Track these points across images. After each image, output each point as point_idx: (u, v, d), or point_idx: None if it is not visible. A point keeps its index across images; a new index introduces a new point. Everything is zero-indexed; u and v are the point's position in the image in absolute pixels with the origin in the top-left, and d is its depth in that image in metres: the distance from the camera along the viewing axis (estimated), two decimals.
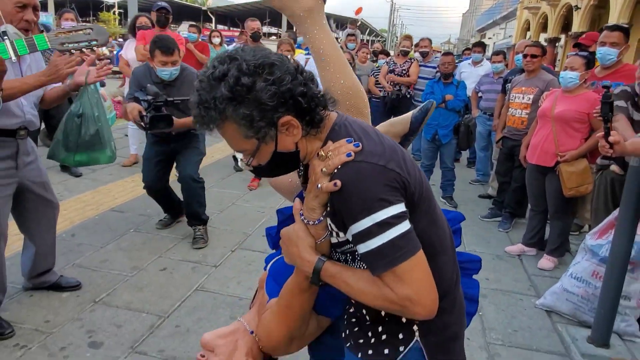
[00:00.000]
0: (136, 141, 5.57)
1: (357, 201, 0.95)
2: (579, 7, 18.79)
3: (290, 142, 1.03)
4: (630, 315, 2.66)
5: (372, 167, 0.96)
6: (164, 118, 3.03)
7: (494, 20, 41.21)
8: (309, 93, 1.01)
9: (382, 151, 1.00)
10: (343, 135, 1.03)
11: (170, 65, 3.17)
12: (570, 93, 3.32)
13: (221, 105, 0.95)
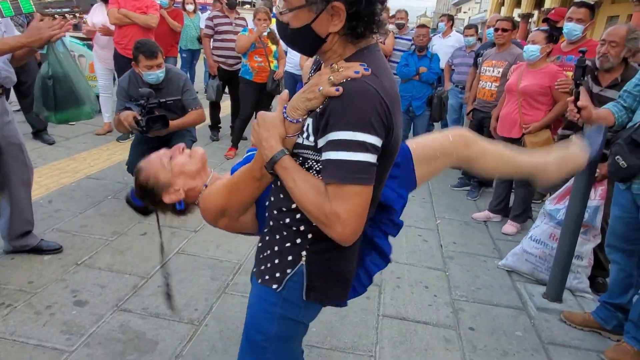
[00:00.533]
0: (109, 109, 5.50)
1: (351, 113, 1.01)
2: None
3: (325, 28, 1.06)
4: (581, 273, 2.90)
5: (376, 93, 1.02)
6: (160, 119, 3.07)
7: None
8: (372, 9, 1.06)
9: (389, 91, 1.06)
10: (365, 61, 1.08)
11: (155, 68, 3.21)
12: (533, 67, 3.49)
13: None
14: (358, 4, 1.03)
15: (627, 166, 2.10)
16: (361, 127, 1.01)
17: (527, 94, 3.48)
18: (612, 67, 2.81)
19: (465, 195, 4.54)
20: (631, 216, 2.24)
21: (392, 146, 1.12)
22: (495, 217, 3.96)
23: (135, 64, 3.24)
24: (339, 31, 1.07)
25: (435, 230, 3.70)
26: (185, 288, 2.61)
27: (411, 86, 4.85)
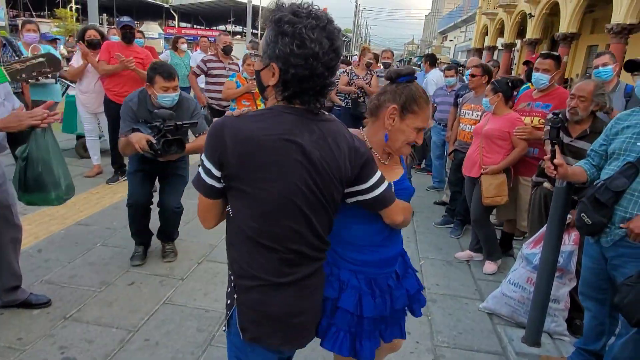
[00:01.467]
0: (97, 152, 5.59)
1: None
2: (533, 15, 19.69)
3: (266, 79, 1.32)
4: (559, 316, 2.99)
5: (220, 128, 1.28)
6: (176, 142, 2.97)
7: (454, 23, 42.37)
8: (303, 86, 1.27)
9: (244, 134, 1.26)
10: (265, 112, 1.33)
11: (172, 90, 3.14)
12: (496, 114, 3.75)
13: (268, 22, 1.28)
14: (286, 74, 1.25)
15: (592, 223, 2.23)
16: (204, 150, 1.32)
17: (488, 137, 3.71)
18: (581, 120, 2.97)
19: (448, 233, 4.64)
20: (600, 267, 2.34)
21: (234, 170, 1.28)
22: (477, 256, 4.07)
23: (150, 85, 3.14)
24: (275, 87, 1.31)
25: (418, 272, 3.78)
26: (172, 341, 2.66)
27: None
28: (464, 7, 38.55)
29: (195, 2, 49.28)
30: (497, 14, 25.18)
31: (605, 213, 2.19)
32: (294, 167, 1.27)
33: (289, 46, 1.21)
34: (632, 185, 2.12)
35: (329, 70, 1.27)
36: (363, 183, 1.42)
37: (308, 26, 1.21)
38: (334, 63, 1.28)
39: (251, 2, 21.13)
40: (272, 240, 1.33)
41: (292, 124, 1.28)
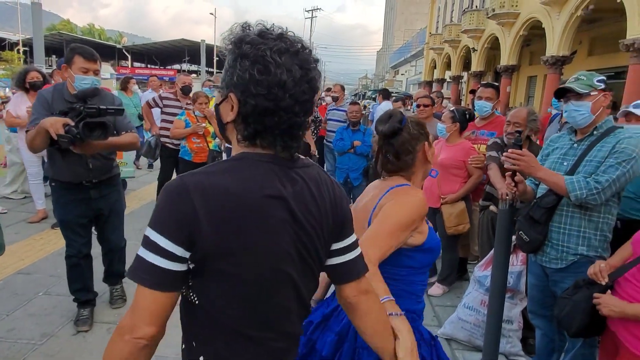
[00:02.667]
0: (41, 196, 5.35)
1: (156, 208, 1.01)
2: (476, 49, 20.89)
3: (225, 114, 1.07)
4: (513, 336, 3.04)
5: (182, 191, 0.98)
6: (100, 125, 2.56)
7: (405, 58, 44.21)
8: (264, 121, 1.02)
9: (215, 192, 0.98)
10: (229, 162, 1.06)
11: (92, 73, 2.75)
12: (449, 142, 3.85)
13: (230, 45, 1.04)
14: (245, 106, 1.02)
15: (529, 240, 2.32)
16: (155, 224, 0.98)
17: (444, 167, 3.79)
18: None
19: None
20: (544, 284, 2.42)
21: (212, 249, 0.99)
22: (431, 279, 4.12)
23: (67, 67, 2.72)
24: (235, 123, 1.06)
25: None
26: None
27: (347, 159, 5.11)
28: (412, 43, 40.41)
29: (148, 43, 49.24)
30: (443, 48, 26.55)
31: (541, 230, 2.28)
32: (281, 229, 1.04)
33: (249, 71, 0.99)
34: (561, 201, 2.24)
35: (300, 105, 1.02)
36: (340, 241, 1.18)
37: (274, 49, 0.99)
38: (307, 97, 1.04)
39: (204, 42, 21.32)
40: (261, 328, 1.07)
41: (272, 174, 1.05)
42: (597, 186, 2.06)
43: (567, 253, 2.25)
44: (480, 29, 20.08)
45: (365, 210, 1.60)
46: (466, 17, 20.80)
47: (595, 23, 14.76)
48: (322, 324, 1.60)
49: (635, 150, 2.07)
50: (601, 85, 2.20)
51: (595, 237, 2.21)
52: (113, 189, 3.11)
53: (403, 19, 57.55)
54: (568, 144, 2.34)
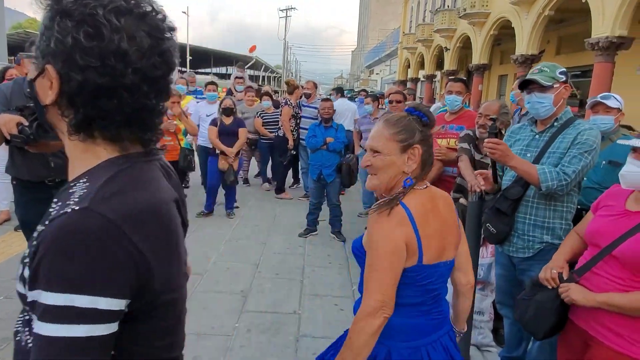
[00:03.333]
0: (8, 195, 5.14)
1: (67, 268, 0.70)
2: (449, 49, 21.20)
3: (42, 92, 0.80)
4: (484, 328, 3.07)
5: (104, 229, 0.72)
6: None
7: (379, 57, 44.56)
8: (105, 98, 0.76)
9: (135, 211, 0.76)
10: (96, 177, 0.78)
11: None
12: None
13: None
14: (70, 83, 0.76)
15: (497, 232, 2.34)
16: (86, 286, 0.69)
17: None
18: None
19: None
20: (511, 274, 2.45)
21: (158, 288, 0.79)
22: None
23: (24, 64, 2.48)
24: (59, 107, 0.79)
25: (351, 297, 3.76)
26: None
27: (320, 155, 5.08)
28: (386, 43, 40.74)
29: None
30: (416, 48, 26.86)
31: (508, 221, 2.31)
32: (182, 234, 0.90)
33: (72, 34, 0.73)
34: (526, 192, 2.27)
35: (149, 83, 0.79)
36: None
37: (110, 7, 0.74)
38: (160, 74, 0.80)
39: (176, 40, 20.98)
40: (178, 348, 0.93)
41: (156, 174, 0.87)
42: (565, 177, 2.10)
43: (533, 242, 2.28)
44: (452, 29, 20.40)
45: (451, 228, 1.48)
46: (438, 17, 21.10)
47: (563, 23, 15.17)
48: None
49: (596, 141, 2.14)
50: (563, 78, 2.24)
51: (560, 225, 2.25)
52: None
53: (377, 19, 58.00)
54: (530, 135, 2.37)
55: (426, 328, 1.43)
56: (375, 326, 1.29)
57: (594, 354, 1.73)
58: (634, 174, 1.69)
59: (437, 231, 1.38)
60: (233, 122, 5.76)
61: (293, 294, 3.78)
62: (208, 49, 44.96)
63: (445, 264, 1.43)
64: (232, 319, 3.29)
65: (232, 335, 3.08)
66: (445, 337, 1.46)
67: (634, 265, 1.64)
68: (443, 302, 1.49)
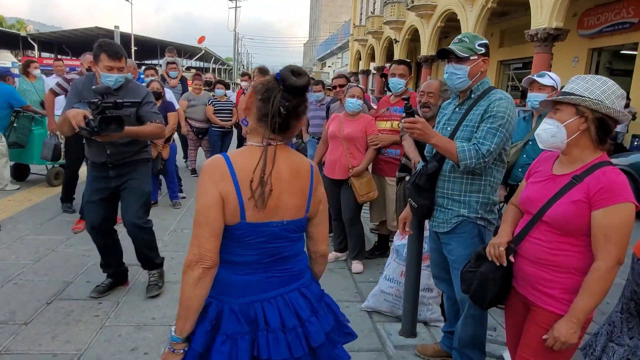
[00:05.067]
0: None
1: None
2: (398, 41, 21.51)
3: None
4: (432, 304, 3.09)
5: None
6: (115, 119, 2.70)
7: (331, 50, 44.68)
8: None
9: None
10: None
11: (116, 71, 2.90)
12: (352, 117, 3.94)
13: None
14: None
15: (417, 206, 2.35)
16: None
17: (351, 140, 3.86)
18: (433, 116, 3.15)
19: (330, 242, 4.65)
20: (439, 247, 2.44)
21: None
22: (342, 256, 4.20)
23: (94, 63, 2.90)
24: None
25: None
26: None
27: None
28: (338, 35, 40.87)
29: (57, 31, 45.46)
30: (367, 40, 27.09)
31: (427, 195, 2.32)
32: None
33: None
34: (442, 167, 2.27)
35: None
36: None
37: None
38: None
39: (119, 29, 20.04)
40: None
41: None
42: (483, 155, 2.08)
43: (451, 216, 2.28)
44: (401, 21, 20.71)
45: (299, 191, 1.47)
46: (388, 9, 21.34)
47: (505, 16, 15.74)
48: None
49: (507, 112, 2.10)
50: (482, 50, 2.21)
51: (477, 199, 2.23)
52: (132, 170, 3.21)
53: (328, 11, 58.09)
54: (451, 109, 2.37)
55: (263, 285, 1.44)
56: (193, 277, 1.33)
57: (534, 316, 1.75)
58: (546, 130, 1.70)
59: (268, 190, 1.37)
60: (161, 106, 5.28)
61: None
62: (154, 39, 43.22)
63: (277, 224, 1.42)
64: (175, 309, 3.13)
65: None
66: (294, 294, 1.47)
67: (562, 228, 1.66)
68: (292, 262, 1.50)
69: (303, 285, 1.51)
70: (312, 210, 1.51)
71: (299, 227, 1.48)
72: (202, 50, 41.66)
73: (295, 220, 1.46)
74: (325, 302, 1.57)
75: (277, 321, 1.40)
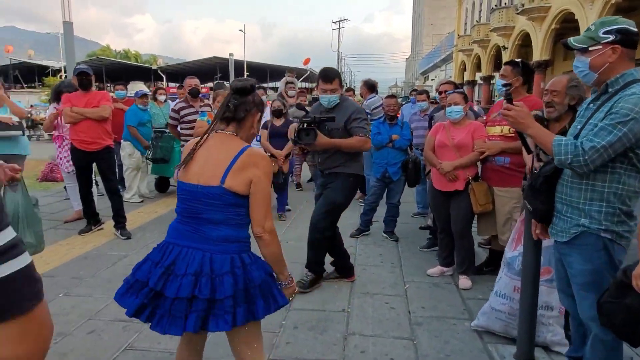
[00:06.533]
0: (77, 198, 5.47)
1: None
2: (507, 47, 20.33)
3: None
4: (554, 324, 2.75)
5: None
6: (309, 131, 3.28)
7: (434, 63, 43.69)
8: None
9: None
10: None
11: (329, 92, 3.46)
12: (459, 125, 3.75)
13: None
14: None
15: (532, 210, 2.13)
16: None
17: (462, 148, 3.70)
18: (559, 116, 2.87)
19: (435, 257, 4.44)
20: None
21: None
22: (449, 271, 3.97)
23: (316, 87, 3.62)
24: None
25: (403, 296, 3.56)
26: None
27: (386, 153, 4.95)
28: (441, 48, 39.89)
29: (181, 63, 50.63)
30: (472, 49, 26.03)
31: (543, 199, 2.10)
32: None
33: None
34: (563, 170, 2.05)
35: None
36: None
37: None
38: None
39: (233, 56, 21.77)
40: None
41: None
42: (584, 151, 1.81)
43: (570, 225, 2.02)
44: (510, 26, 19.58)
45: (218, 164, 1.74)
46: (495, 15, 20.34)
47: (633, 11, 14.07)
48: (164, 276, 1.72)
49: (635, 109, 1.79)
50: (608, 38, 1.90)
51: (599, 209, 1.94)
52: (333, 180, 3.61)
53: (431, 25, 57.10)
54: (585, 106, 2.12)
55: (178, 234, 1.81)
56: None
57: None
58: None
59: (196, 161, 1.78)
60: (284, 123, 5.78)
61: (342, 292, 3.64)
62: (264, 64, 46.20)
63: (194, 187, 1.75)
64: (278, 316, 3.20)
65: (278, 332, 2.99)
66: (199, 253, 1.73)
67: None
68: (208, 227, 1.76)
69: (211, 252, 1.73)
70: (236, 186, 1.71)
71: (212, 194, 1.72)
72: (308, 71, 43.34)
73: (208, 186, 1.72)
74: (220, 279, 1.69)
75: (169, 262, 1.73)
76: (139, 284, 1.74)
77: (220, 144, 1.79)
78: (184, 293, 1.64)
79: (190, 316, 1.64)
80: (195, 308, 1.65)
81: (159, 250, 1.80)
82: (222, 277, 1.68)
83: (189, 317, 1.65)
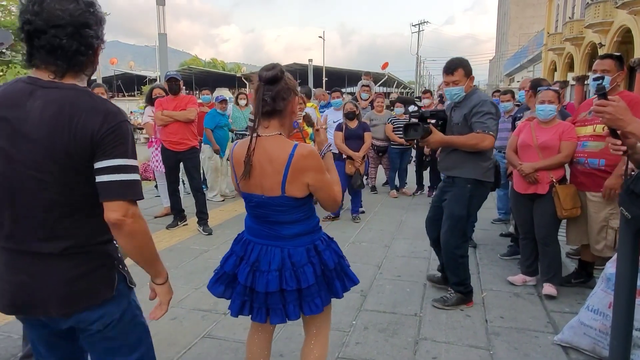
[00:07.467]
0: (166, 195, 5.87)
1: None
2: (603, 45, 18.75)
3: None
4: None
5: None
6: (413, 126, 3.15)
7: (520, 64, 41.35)
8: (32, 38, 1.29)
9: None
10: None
11: (451, 85, 3.20)
12: (547, 124, 3.52)
13: None
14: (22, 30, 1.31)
15: (632, 217, 1.89)
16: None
17: (548, 149, 3.46)
18: None
19: (516, 265, 4.18)
20: None
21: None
22: (531, 280, 3.72)
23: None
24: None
25: (480, 304, 3.40)
26: None
27: None
28: (528, 47, 37.68)
29: None
30: (564, 48, 24.31)
31: None
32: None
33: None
34: None
35: (53, 24, 1.25)
36: (95, 162, 1.32)
37: None
38: (58, 15, 1.25)
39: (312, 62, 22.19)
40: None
41: (12, 94, 1.30)
42: None
43: None
44: (607, 22, 17.99)
45: (274, 174, 1.76)
46: (590, 10, 18.81)
47: None
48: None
49: None
50: None
51: None
52: (452, 186, 3.33)
53: (518, 24, 54.14)
54: None
55: (255, 232, 1.91)
56: None
57: None
58: None
59: (253, 170, 1.78)
60: (358, 125, 5.81)
61: (415, 296, 3.55)
62: (342, 69, 46.58)
63: (259, 197, 1.81)
64: (349, 315, 3.21)
65: (349, 332, 2.99)
66: (278, 250, 1.83)
67: None
68: (281, 226, 1.84)
69: (288, 247, 1.84)
70: (295, 192, 1.77)
71: (277, 203, 1.79)
72: (385, 75, 43.00)
73: (272, 197, 1.79)
74: (302, 270, 1.81)
75: (253, 259, 1.86)
76: (227, 276, 1.94)
77: (269, 149, 1.77)
78: (273, 288, 1.78)
79: (288, 306, 1.82)
80: (290, 299, 1.81)
81: (241, 245, 1.93)
82: (303, 268, 1.81)
83: (287, 307, 1.82)
